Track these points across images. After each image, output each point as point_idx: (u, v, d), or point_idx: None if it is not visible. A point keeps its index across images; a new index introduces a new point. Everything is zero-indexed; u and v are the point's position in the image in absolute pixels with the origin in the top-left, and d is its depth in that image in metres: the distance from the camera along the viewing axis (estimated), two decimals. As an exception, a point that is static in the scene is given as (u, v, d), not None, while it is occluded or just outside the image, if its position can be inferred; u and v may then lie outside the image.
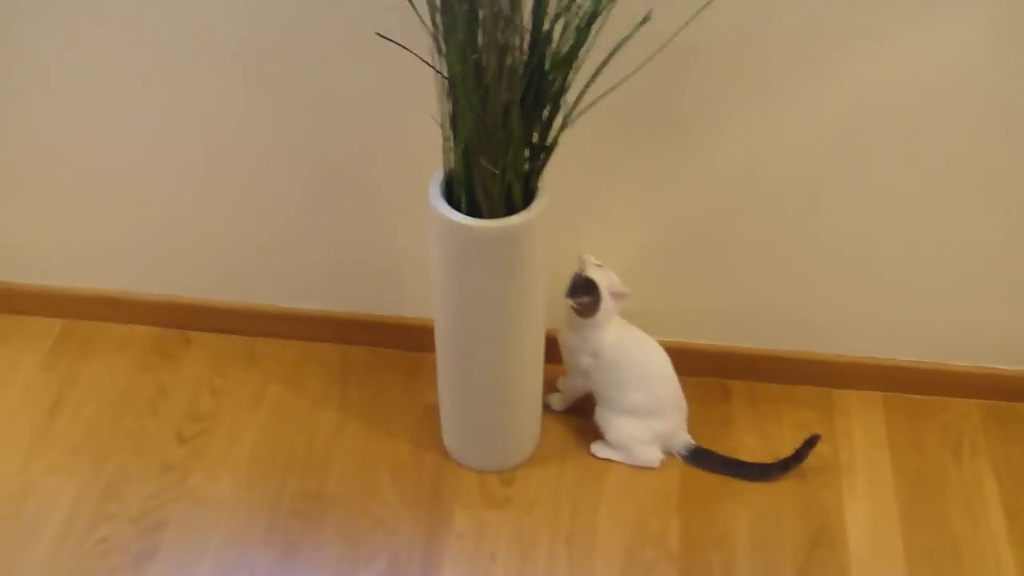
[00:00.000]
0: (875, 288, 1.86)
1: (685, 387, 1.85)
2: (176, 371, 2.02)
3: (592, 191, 1.78)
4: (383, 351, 2.04)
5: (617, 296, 1.74)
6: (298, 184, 1.85)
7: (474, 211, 1.51)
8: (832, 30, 1.56)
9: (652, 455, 1.84)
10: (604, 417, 1.84)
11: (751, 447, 1.89)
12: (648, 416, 1.81)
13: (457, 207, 1.51)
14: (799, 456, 1.80)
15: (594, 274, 1.72)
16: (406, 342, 2.01)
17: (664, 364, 1.81)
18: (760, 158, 1.71)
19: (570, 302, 1.72)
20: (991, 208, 1.73)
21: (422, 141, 1.60)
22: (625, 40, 1.42)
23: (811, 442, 1.80)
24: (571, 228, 1.81)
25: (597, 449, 1.86)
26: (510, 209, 1.51)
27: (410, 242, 1.87)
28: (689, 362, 1.92)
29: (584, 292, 1.71)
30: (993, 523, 1.79)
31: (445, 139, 1.50)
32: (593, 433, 1.89)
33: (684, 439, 1.85)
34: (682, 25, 1.48)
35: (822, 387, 1.99)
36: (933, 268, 1.83)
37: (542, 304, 1.68)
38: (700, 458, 1.84)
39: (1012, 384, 1.96)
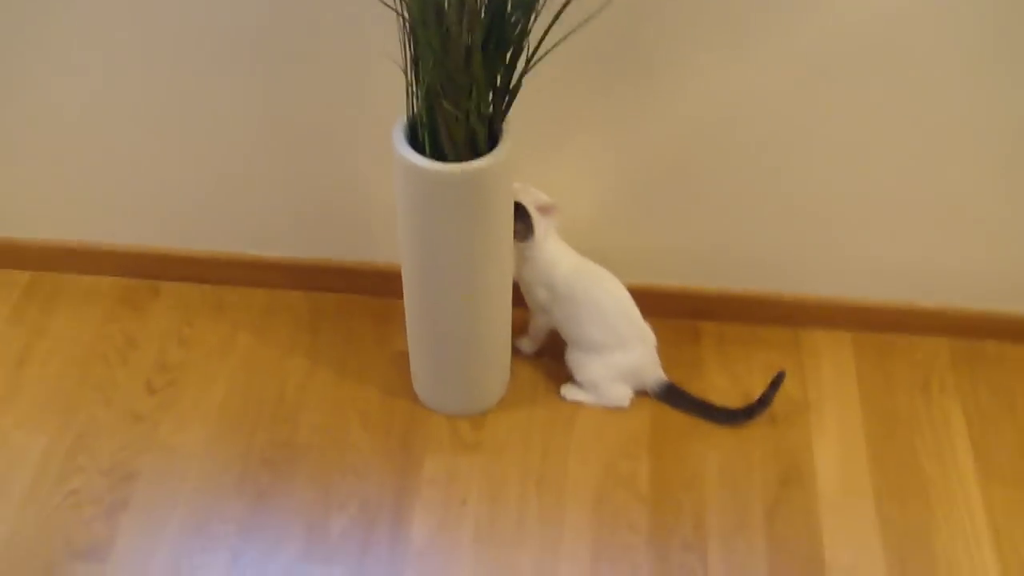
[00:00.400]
0: (843, 228, 1.86)
1: (656, 330, 1.86)
2: (144, 321, 2.00)
3: (558, 133, 1.77)
4: (352, 298, 2.03)
5: (545, 210, 1.75)
6: (262, 130, 1.83)
7: (438, 155, 1.49)
8: None
9: (620, 393, 1.85)
10: (572, 357, 1.85)
11: (721, 388, 1.90)
12: (611, 352, 1.82)
13: (421, 151, 1.50)
14: (765, 400, 1.81)
15: (517, 197, 1.72)
16: (375, 288, 2.01)
17: (620, 298, 1.81)
18: (727, 98, 1.70)
19: None
20: (957, 147, 1.73)
21: (386, 85, 1.58)
22: None
23: (776, 382, 1.81)
24: (537, 171, 1.80)
25: (566, 392, 1.87)
26: (474, 153, 1.50)
27: (378, 186, 1.85)
28: (659, 304, 1.93)
29: (514, 218, 1.70)
30: (961, 461, 1.80)
31: (408, 83, 1.48)
32: (564, 376, 1.89)
33: (656, 375, 1.85)
34: None
35: (791, 328, 1.99)
36: (900, 207, 1.82)
37: (508, 248, 1.68)
38: (671, 396, 1.85)
39: (980, 323, 1.96)
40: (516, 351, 1.91)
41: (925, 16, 1.57)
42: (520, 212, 1.73)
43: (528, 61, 1.46)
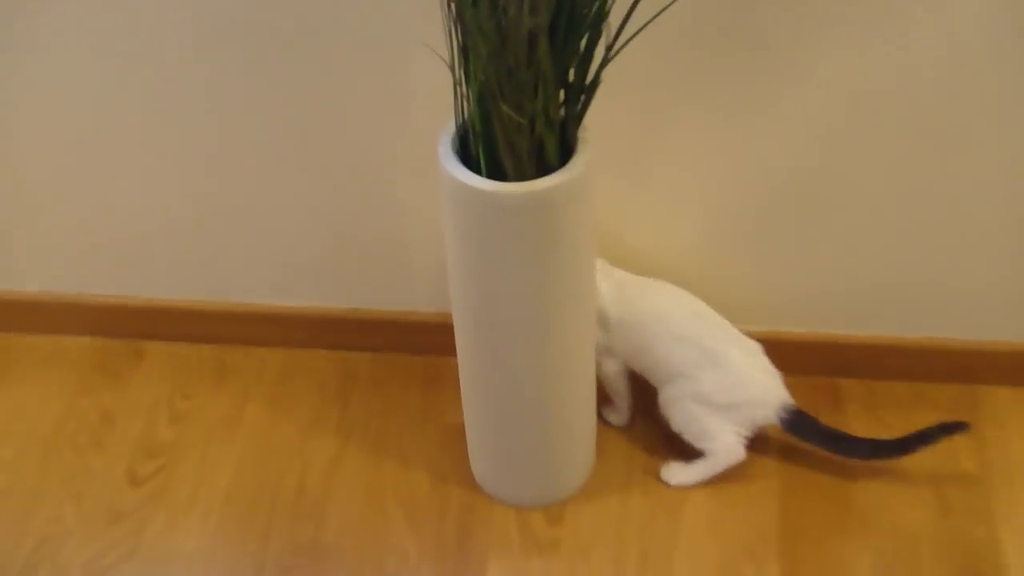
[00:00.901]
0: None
1: (788, 387, 1.90)
2: (126, 392, 2.09)
3: (647, 142, 1.82)
4: (391, 357, 2.11)
5: None
6: (274, 148, 1.90)
7: (497, 173, 1.54)
8: None
9: (728, 441, 1.88)
10: (661, 400, 1.90)
11: (874, 467, 1.92)
12: (702, 372, 1.85)
13: (475, 168, 1.55)
14: (927, 437, 1.83)
15: None
16: (420, 344, 2.07)
17: (686, 301, 1.88)
18: (870, 92, 1.73)
19: None
20: None
21: (428, 84, 1.63)
22: None
23: (950, 428, 1.83)
24: (619, 191, 1.86)
25: (669, 474, 1.92)
26: (543, 168, 1.54)
27: (420, 215, 1.92)
28: (786, 358, 1.94)
29: None
30: None
31: (456, 82, 1.53)
32: (666, 452, 1.94)
33: (777, 397, 1.87)
34: None
35: (965, 384, 2.02)
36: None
37: (591, 289, 1.73)
38: (800, 426, 1.87)
39: None
40: (603, 422, 1.97)
41: None
42: None
43: (609, 48, 1.51)
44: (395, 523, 1.89)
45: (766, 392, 1.87)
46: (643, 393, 1.95)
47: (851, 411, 2.01)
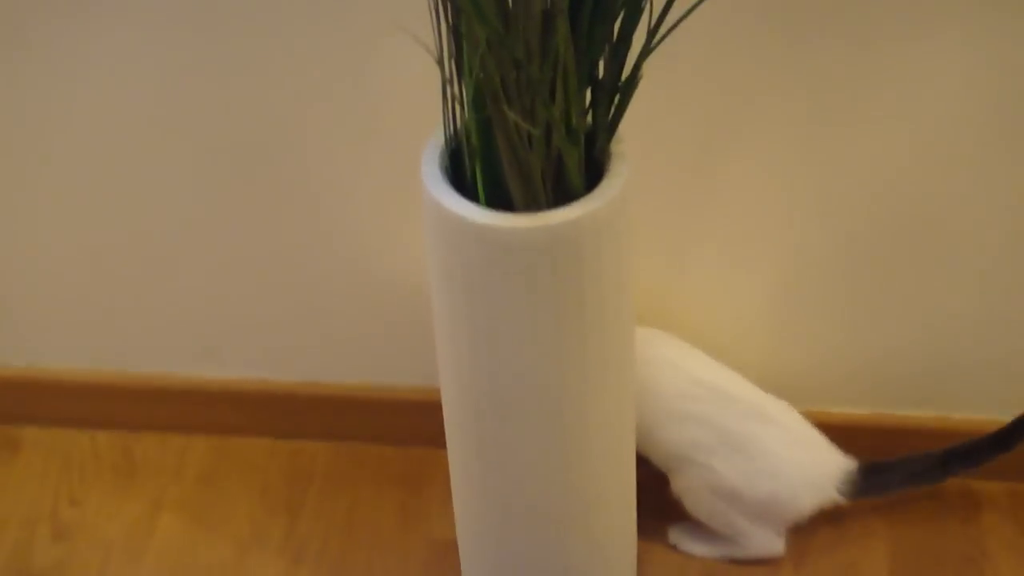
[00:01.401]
0: None
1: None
2: (-3, 494, 2.09)
3: (703, 164, 1.83)
4: (358, 448, 2.11)
5: None
6: (201, 170, 1.92)
7: (500, 200, 1.53)
8: None
9: (764, 540, 1.93)
10: (675, 491, 1.95)
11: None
12: (716, 460, 1.88)
13: (471, 195, 1.54)
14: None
15: None
16: (398, 431, 2.09)
17: (685, 365, 1.91)
18: (998, 95, 1.73)
19: None
20: None
21: (406, 84, 1.64)
22: None
23: None
24: (660, 231, 1.88)
25: (678, 539, 1.98)
26: (563, 195, 1.53)
27: (396, 260, 1.93)
28: (895, 449, 1.97)
29: None
30: None
31: (445, 80, 1.52)
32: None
33: (832, 471, 1.90)
34: None
35: None
36: None
37: (631, 360, 1.72)
38: (873, 481, 1.91)
39: None
40: (672, 546, 2.00)
41: None
42: None
43: (652, 34, 1.49)
44: None
45: (810, 471, 1.90)
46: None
47: (988, 522, 2.02)
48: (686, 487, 1.92)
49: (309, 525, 2.04)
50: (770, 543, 1.93)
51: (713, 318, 1.96)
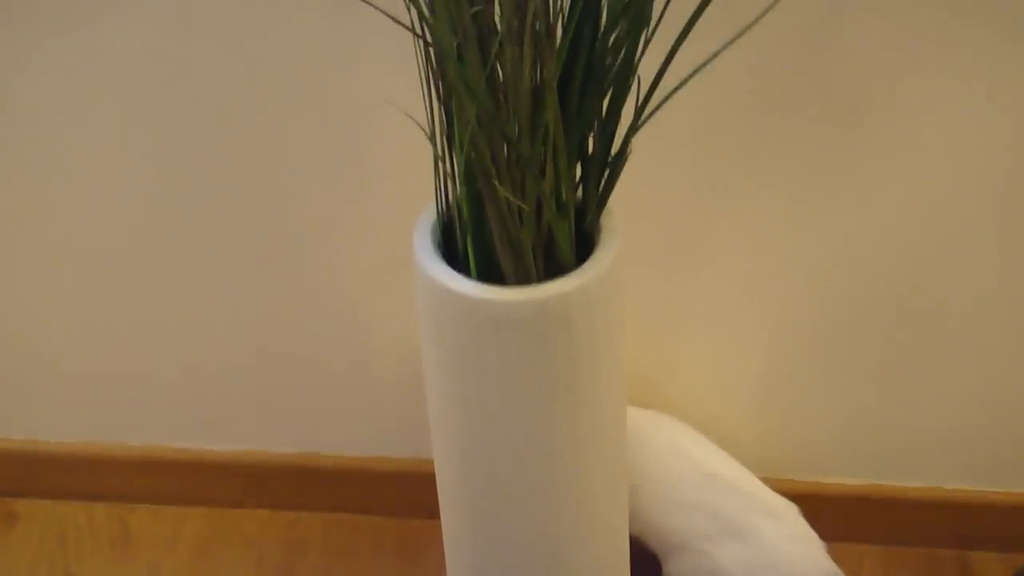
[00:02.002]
0: None
1: (891, 562, 1.95)
2: (-7, 569, 2.06)
3: (693, 239, 1.84)
4: (354, 519, 2.10)
5: None
6: (197, 245, 1.92)
7: (492, 274, 1.53)
8: None
9: None
10: (669, 573, 1.93)
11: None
12: (714, 548, 1.88)
13: (463, 269, 1.53)
14: None
15: None
16: (392, 503, 2.08)
17: (688, 451, 1.90)
18: (992, 161, 1.73)
19: None
20: None
21: (399, 160, 1.65)
22: None
23: None
24: (650, 305, 1.88)
25: None
26: (553, 268, 1.53)
27: (389, 333, 1.93)
28: (892, 521, 1.99)
29: None
30: None
31: (437, 157, 1.52)
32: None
33: (821, 570, 1.88)
34: None
35: None
36: None
37: (623, 434, 1.71)
38: None
39: None
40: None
41: None
42: None
43: (641, 110, 1.49)
44: None
45: (803, 570, 1.88)
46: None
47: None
48: (680, 572, 1.91)
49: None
50: None
51: (702, 391, 1.96)
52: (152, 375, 2.05)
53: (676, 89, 1.47)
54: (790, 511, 1.89)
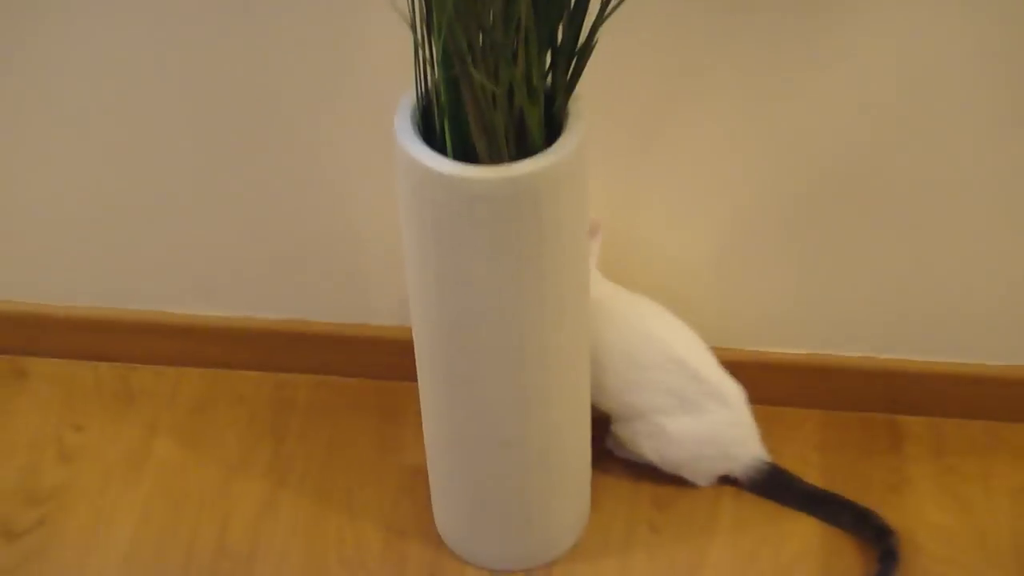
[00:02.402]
0: None
1: (829, 425, 2.00)
2: (2, 422, 2.13)
3: (658, 121, 1.86)
4: (338, 381, 2.15)
5: (593, 231, 1.87)
6: (189, 125, 1.95)
7: (467, 154, 1.56)
8: None
9: (699, 477, 2.00)
10: (621, 433, 2.00)
11: (941, 527, 1.96)
12: (668, 418, 1.95)
13: (440, 149, 1.57)
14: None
15: None
16: (374, 366, 2.12)
17: (679, 336, 1.96)
18: (922, 72, 1.76)
19: None
20: None
21: (381, 45, 1.67)
22: None
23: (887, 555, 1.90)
24: (621, 182, 1.92)
25: (614, 444, 2.03)
26: (524, 149, 1.57)
27: (372, 208, 1.96)
28: (831, 387, 2.04)
29: None
30: None
31: (416, 43, 1.55)
32: (677, 506, 2.00)
33: (748, 453, 1.98)
34: None
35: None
36: None
37: (584, 300, 1.75)
38: (773, 486, 1.99)
39: None
40: (607, 453, 2.03)
41: None
42: None
43: (604, 5, 1.52)
44: None
45: (740, 447, 1.99)
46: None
47: (912, 456, 2.05)
48: (631, 434, 1.98)
49: (291, 450, 2.08)
50: (705, 480, 2.02)
51: (663, 265, 1.99)
52: (153, 246, 2.08)
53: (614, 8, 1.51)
54: (739, 399, 1.96)
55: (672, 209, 1.94)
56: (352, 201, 1.98)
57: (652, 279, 1.98)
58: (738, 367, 1.97)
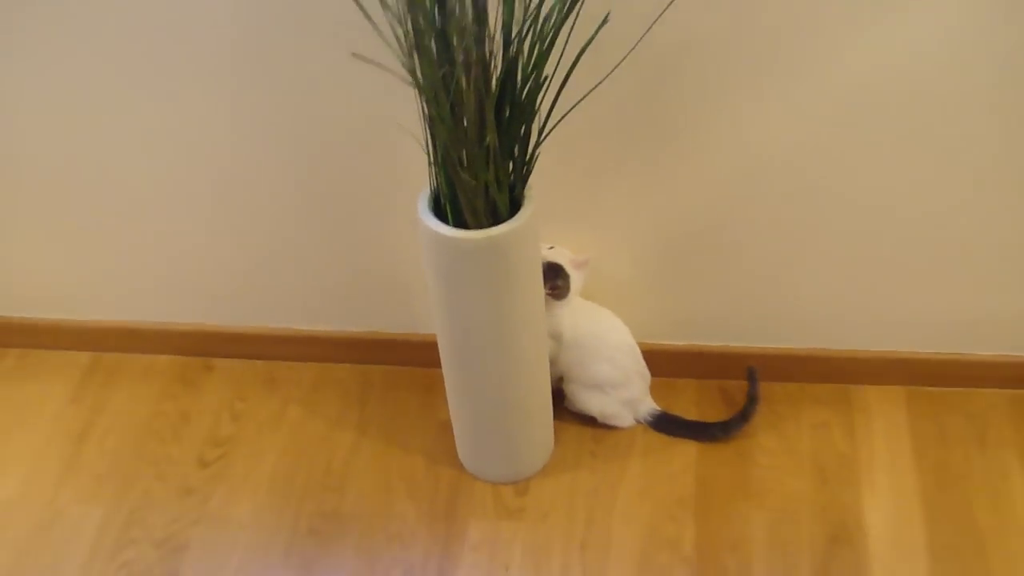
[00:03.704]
0: (888, 280, 1.89)
1: (702, 391, 2.00)
2: (198, 398, 2.13)
3: (587, 194, 1.85)
4: (398, 369, 2.14)
5: (580, 265, 1.87)
6: (302, 205, 1.95)
7: (461, 224, 1.58)
8: (821, 18, 1.58)
9: (620, 420, 1.98)
10: (571, 391, 1.96)
11: (768, 448, 1.94)
12: (614, 387, 1.93)
13: (445, 220, 1.59)
14: (752, 398, 1.91)
15: (554, 257, 1.85)
16: (420, 358, 2.10)
17: (623, 335, 1.93)
18: (757, 153, 1.75)
19: (545, 290, 1.81)
20: (1007, 191, 1.75)
21: (413, 155, 1.68)
22: (587, 44, 1.49)
23: (752, 376, 1.91)
24: (568, 232, 1.90)
25: (568, 403, 2.00)
26: (496, 220, 1.58)
27: (415, 258, 1.95)
28: (702, 365, 2.02)
29: (554, 276, 1.84)
30: (1020, 514, 1.81)
31: (428, 157, 1.57)
32: (611, 441, 1.98)
33: (649, 406, 1.97)
34: (645, 30, 1.57)
35: (841, 384, 2.03)
36: (948, 256, 1.85)
37: (540, 312, 1.76)
38: (665, 423, 1.96)
39: (1039, 371, 1.98)
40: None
41: (965, 58, 1.60)
42: (558, 271, 1.84)
43: (540, 132, 1.54)
44: (398, 496, 1.93)
45: (645, 404, 1.98)
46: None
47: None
48: (585, 396, 1.96)
49: (370, 413, 2.08)
50: (626, 424, 1.99)
51: (599, 283, 1.96)
52: (290, 285, 2.08)
53: (559, 121, 1.54)
54: (648, 375, 1.98)
55: (605, 244, 1.92)
56: (404, 254, 1.97)
57: (590, 292, 1.95)
58: (645, 352, 1.96)
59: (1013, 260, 1.85)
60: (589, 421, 2.00)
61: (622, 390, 1.94)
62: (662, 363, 2.01)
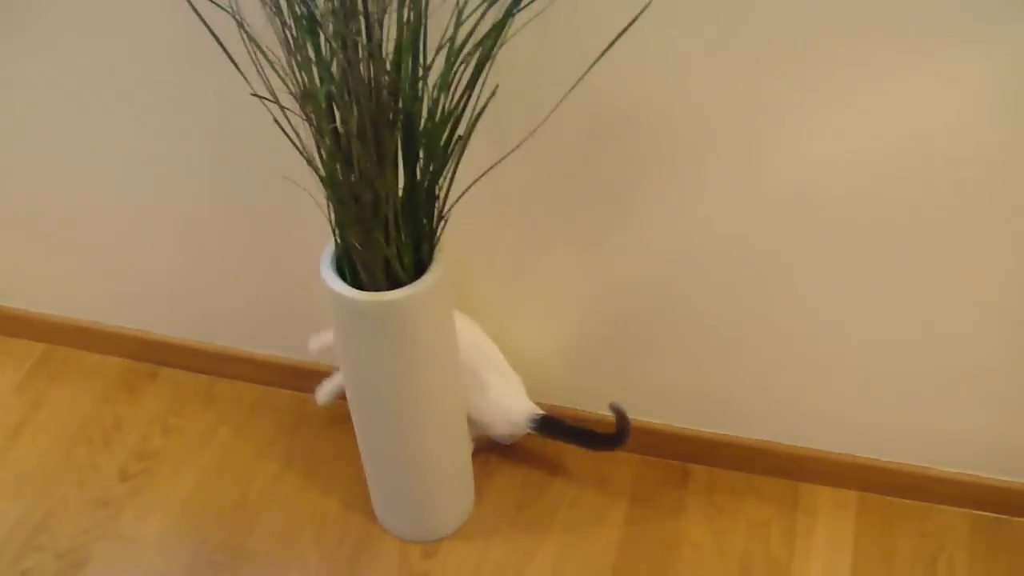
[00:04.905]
0: (849, 381, 1.84)
1: (644, 467, 1.96)
2: (136, 405, 2.18)
3: (517, 265, 1.83)
4: (336, 404, 2.11)
5: None
6: (250, 232, 1.96)
7: (359, 285, 1.56)
8: (766, 98, 1.53)
9: (496, 429, 1.92)
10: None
11: (698, 541, 1.89)
12: (475, 392, 1.86)
13: (347, 281, 1.57)
14: (623, 424, 1.82)
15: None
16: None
17: (469, 335, 1.85)
18: (700, 232, 1.71)
19: None
20: (960, 301, 1.68)
21: (313, 222, 1.70)
22: (476, 119, 1.46)
23: (618, 410, 1.83)
24: (500, 302, 1.88)
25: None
26: (396, 283, 1.55)
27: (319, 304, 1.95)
28: (646, 442, 1.98)
29: None
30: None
31: (332, 226, 1.56)
32: (540, 506, 1.95)
33: (528, 409, 1.89)
34: (558, 101, 1.55)
35: (790, 480, 1.98)
36: (914, 363, 1.78)
37: (455, 379, 1.74)
38: (548, 427, 1.88)
39: (1006, 496, 1.87)
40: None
41: (924, 145, 1.52)
42: None
43: (441, 216, 1.54)
44: (305, 539, 1.95)
45: (521, 408, 1.88)
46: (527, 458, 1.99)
47: (692, 491, 1.98)
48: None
49: (300, 443, 2.08)
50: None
51: (523, 353, 1.94)
52: (237, 307, 2.09)
53: (459, 196, 1.53)
54: (518, 381, 1.91)
55: (531, 314, 1.89)
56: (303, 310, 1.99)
57: (513, 359, 1.91)
58: (579, 422, 1.93)
59: (986, 377, 1.77)
60: (519, 484, 1.97)
61: (480, 394, 1.87)
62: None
